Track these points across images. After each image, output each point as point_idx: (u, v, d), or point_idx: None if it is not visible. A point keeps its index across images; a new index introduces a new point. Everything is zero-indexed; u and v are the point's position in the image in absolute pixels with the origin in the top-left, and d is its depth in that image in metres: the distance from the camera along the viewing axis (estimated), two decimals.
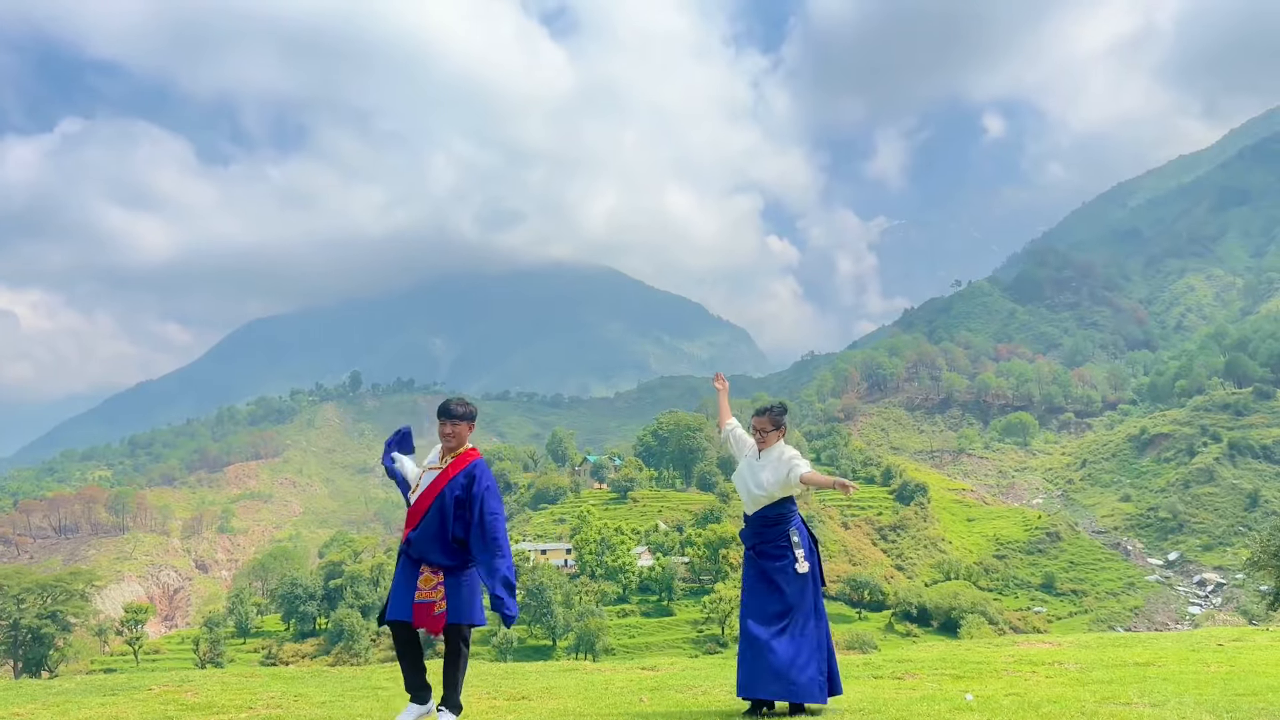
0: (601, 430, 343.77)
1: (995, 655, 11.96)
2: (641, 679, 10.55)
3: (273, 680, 11.51)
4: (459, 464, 7.46)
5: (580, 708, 8.32)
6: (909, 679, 9.95)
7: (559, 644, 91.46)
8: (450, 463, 7.47)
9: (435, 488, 7.39)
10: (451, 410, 7.55)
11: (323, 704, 9.20)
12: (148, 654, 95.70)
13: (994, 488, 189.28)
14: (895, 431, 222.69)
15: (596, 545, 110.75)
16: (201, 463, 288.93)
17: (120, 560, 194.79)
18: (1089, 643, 13.59)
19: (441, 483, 7.40)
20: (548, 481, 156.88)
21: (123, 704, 9.44)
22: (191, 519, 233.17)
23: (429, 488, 7.41)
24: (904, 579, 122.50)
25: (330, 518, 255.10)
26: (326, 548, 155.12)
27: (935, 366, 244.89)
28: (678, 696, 9.04)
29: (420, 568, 7.34)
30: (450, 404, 7.60)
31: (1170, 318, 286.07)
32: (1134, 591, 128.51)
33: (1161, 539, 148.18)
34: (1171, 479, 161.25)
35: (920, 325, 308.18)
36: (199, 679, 11.70)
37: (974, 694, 8.34)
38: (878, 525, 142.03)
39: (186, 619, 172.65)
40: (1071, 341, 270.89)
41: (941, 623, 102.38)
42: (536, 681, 10.56)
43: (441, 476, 7.42)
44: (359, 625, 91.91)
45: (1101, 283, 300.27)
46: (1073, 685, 8.94)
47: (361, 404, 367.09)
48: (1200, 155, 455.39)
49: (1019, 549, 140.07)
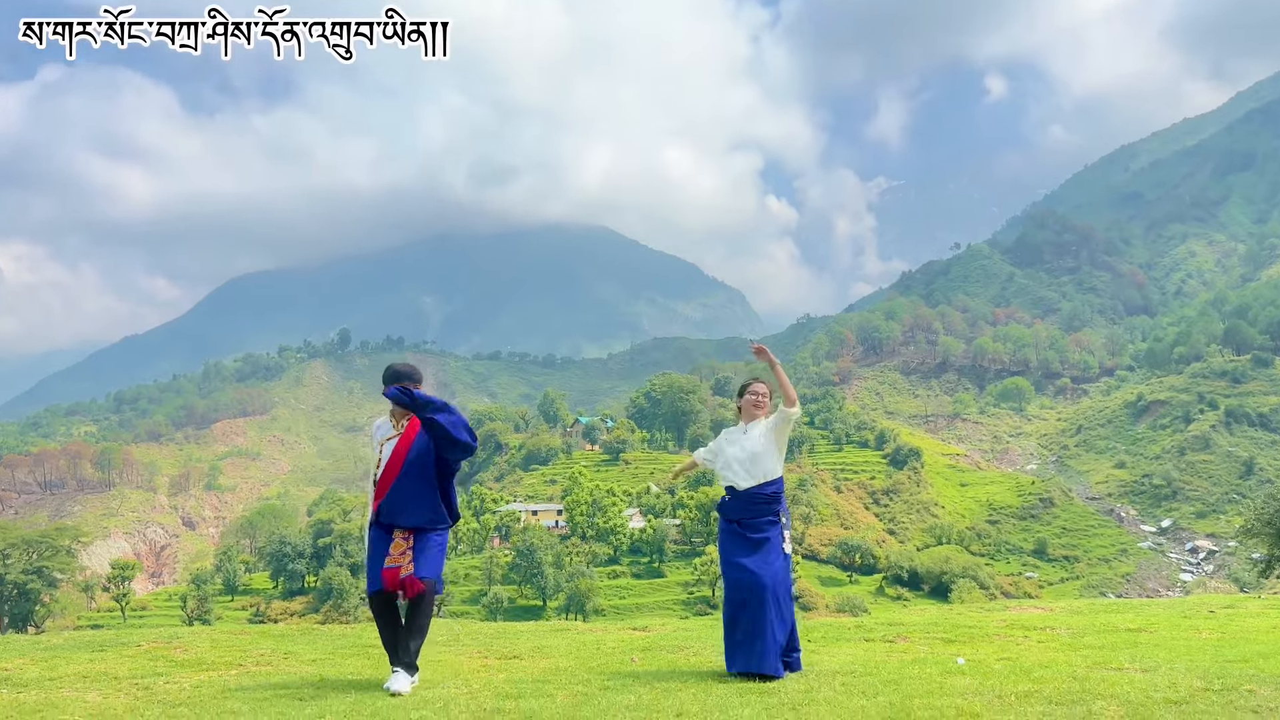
0: (594, 391, 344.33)
1: (987, 620, 12.09)
2: (633, 639, 10.65)
3: (262, 637, 11.59)
4: (415, 423, 7.44)
5: (572, 667, 8.41)
6: (900, 642, 10.06)
7: (549, 604, 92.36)
8: (407, 424, 7.46)
9: (400, 453, 7.38)
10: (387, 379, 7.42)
11: (313, 661, 9.27)
12: (135, 611, 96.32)
13: (988, 453, 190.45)
14: (890, 395, 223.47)
15: (588, 507, 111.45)
16: (188, 419, 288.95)
17: (106, 516, 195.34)
18: (1081, 608, 13.75)
19: (405, 445, 7.39)
20: (539, 442, 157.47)
21: (111, 659, 9.51)
22: (178, 476, 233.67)
23: (393, 457, 7.39)
24: (896, 543, 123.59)
25: (319, 476, 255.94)
26: (315, 506, 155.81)
27: (932, 330, 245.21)
28: (669, 657, 9.14)
29: (392, 534, 7.35)
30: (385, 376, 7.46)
31: (1170, 283, 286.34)
32: (1126, 558, 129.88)
33: (1155, 506, 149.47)
34: (1167, 446, 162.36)
35: (918, 288, 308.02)
36: (187, 636, 11.78)
37: (965, 657, 8.44)
38: (870, 489, 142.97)
39: (174, 576, 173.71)
40: (1070, 306, 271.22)
41: (933, 587, 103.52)
42: (528, 641, 10.66)
43: (403, 440, 7.42)
44: (348, 583, 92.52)
45: (1102, 247, 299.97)
46: (1064, 650, 9.06)
47: (350, 362, 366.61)
48: (1205, 118, 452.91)
49: (1012, 514, 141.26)
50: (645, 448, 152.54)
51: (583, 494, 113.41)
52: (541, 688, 7.23)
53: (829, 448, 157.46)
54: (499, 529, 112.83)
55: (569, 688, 7.20)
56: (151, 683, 7.96)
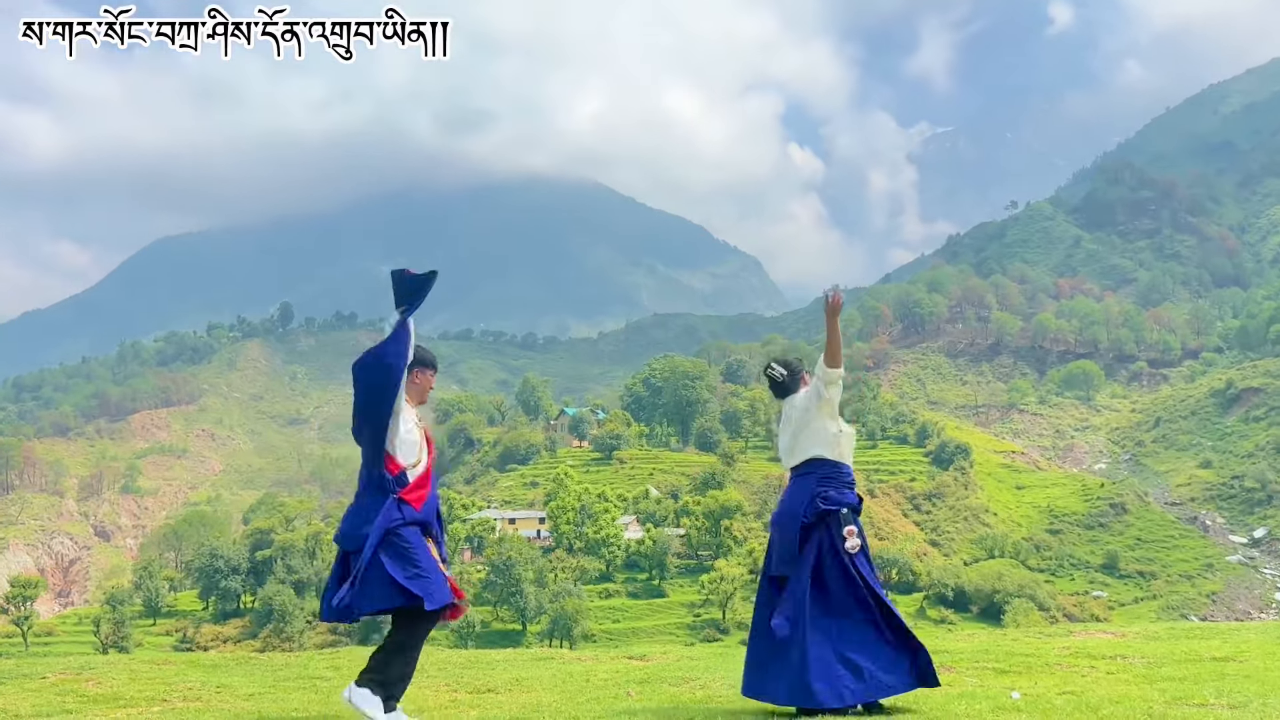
0: (582, 377, 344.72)
1: (1046, 647, 12.15)
2: (629, 670, 10.70)
3: (189, 668, 11.64)
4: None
5: (556, 702, 8.45)
6: (946, 672, 10.10)
7: (530, 629, 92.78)
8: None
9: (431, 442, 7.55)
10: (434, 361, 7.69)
11: (250, 696, 9.31)
12: (39, 636, 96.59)
13: (1049, 450, 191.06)
14: (933, 382, 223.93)
15: (575, 514, 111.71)
16: (101, 410, 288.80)
17: (4, 525, 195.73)
18: (1158, 633, 13.82)
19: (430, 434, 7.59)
20: (517, 438, 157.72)
21: (12, 694, 9.54)
22: (90, 477, 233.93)
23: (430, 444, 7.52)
24: (940, 556, 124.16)
25: (256, 477, 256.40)
26: (252, 513, 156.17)
27: (984, 305, 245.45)
28: (671, 690, 9.18)
29: (427, 538, 7.26)
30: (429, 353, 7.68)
31: (1267, 249, 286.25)
32: (1212, 574, 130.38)
33: (1247, 513, 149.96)
34: (1261, 442, 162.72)
35: (967, 255, 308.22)
36: (101, 666, 11.82)
37: (1021, 692, 8.48)
38: (910, 493, 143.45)
39: (84, 595, 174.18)
40: (1148, 276, 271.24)
41: (983, 608, 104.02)
42: (504, 672, 10.71)
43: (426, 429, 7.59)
44: (291, 604, 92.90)
45: (1185, 206, 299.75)
46: (1138, 683, 9.09)
47: (293, 342, 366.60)
48: None
49: (1077, 522, 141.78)
50: (643, 444, 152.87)
51: (569, 499, 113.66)
52: None
53: (861, 444, 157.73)
54: (470, 540, 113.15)
55: None
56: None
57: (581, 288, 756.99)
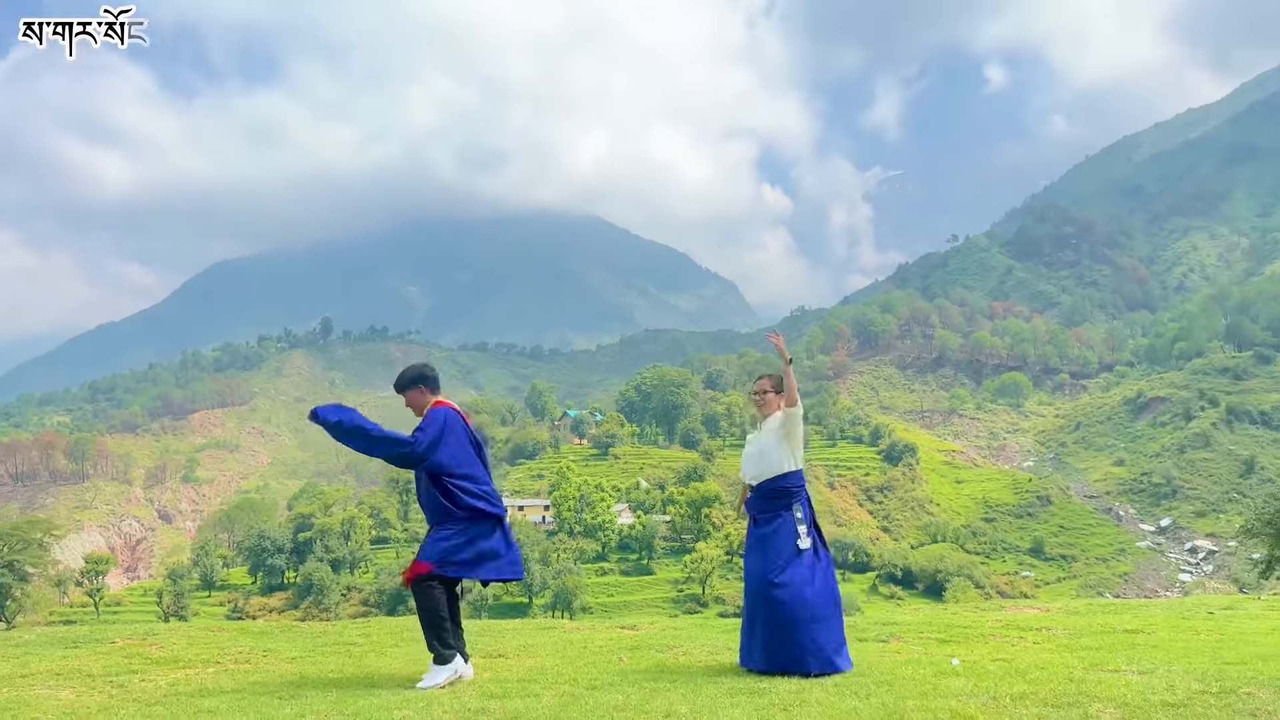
0: (583, 384, 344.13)
1: (982, 620, 12.14)
2: (620, 638, 10.67)
3: (240, 634, 11.58)
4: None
5: (558, 666, 8.42)
6: (893, 642, 10.10)
7: (535, 602, 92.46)
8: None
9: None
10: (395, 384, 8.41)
11: (293, 659, 9.27)
12: (109, 606, 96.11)
13: (985, 449, 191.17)
14: (885, 390, 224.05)
15: (576, 502, 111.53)
16: (165, 409, 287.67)
17: (80, 509, 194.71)
18: (1078, 609, 13.83)
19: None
20: (526, 436, 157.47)
21: (85, 656, 9.49)
22: (154, 468, 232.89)
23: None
24: (890, 541, 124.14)
25: (299, 469, 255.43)
26: (295, 500, 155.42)
27: (929, 324, 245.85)
28: (657, 656, 9.16)
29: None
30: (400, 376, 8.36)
31: (1172, 278, 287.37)
32: (1124, 557, 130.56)
33: (1154, 505, 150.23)
34: (1167, 444, 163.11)
35: (915, 281, 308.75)
36: (163, 632, 11.76)
37: (960, 658, 8.48)
38: (864, 486, 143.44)
39: (149, 570, 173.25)
40: (1070, 300, 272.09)
41: (927, 585, 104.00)
42: (513, 639, 10.67)
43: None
44: (328, 579, 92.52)
45: (1102, 240, 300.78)
46: (1060, 651, 9.10)
47: (332, 352, 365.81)
48: (1209, 109, 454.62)
49: (1008, 512, 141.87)
50: (635, 442, 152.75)
51: (570, 489, 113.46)
52: (527, 687, 7.24)
53: (823, 443, 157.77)
54: None
55: (555, 687, 7.22)
56: (126, 680, 7.95)
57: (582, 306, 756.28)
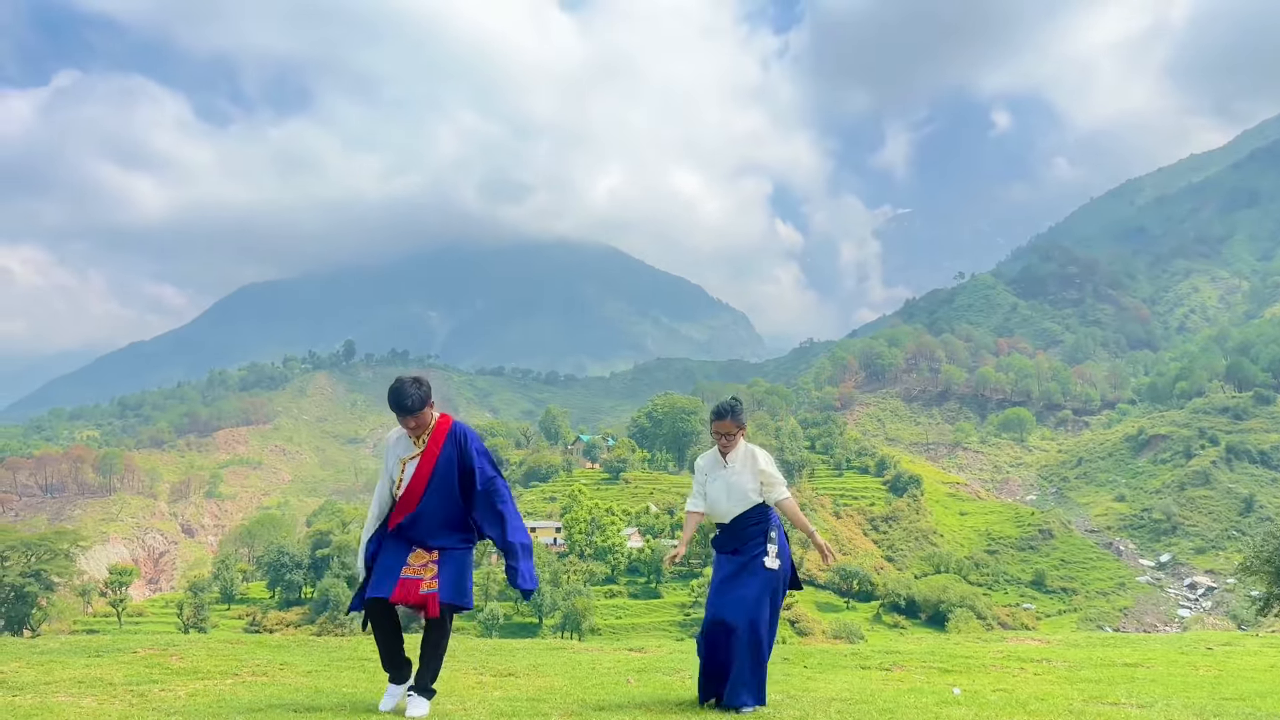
0: (596, 410, 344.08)
1: (983, 650, 12.04)
2: (628, 660, 10.62)
3: (258, 647, 11.57)
4: (438, 435, 7.01)
5: (567, 687, 8.38)
6: (896, 670, 10.02)
7: (545, 622, 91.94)
8: (428, 441, 7.01)
9: (424, 473, 6.96)
10: (405, 405, 6.83)
11: (309, 673, 9.25)
12: (131, 616, 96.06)
13: (988, 482, 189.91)
14: (891, 422, 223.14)
15: (586, 525, 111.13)
16: (191, 426, 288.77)
17: (106, 521, 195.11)
18: (1078, 641, 13.69)
19: (429, 464, 6.96)
20: (540, 459, 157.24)
21: (107, 665, 9.49)
22: (179, 483, 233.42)
23: (415, 476, 6.96)
24: (894, 570, 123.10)
25: (319, 487, 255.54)
26: (315, 516, 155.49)
27: (935, 358, 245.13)
28: (664, 679, 9.11)
29: (413, 548, 6.93)
30: (403, 398, 6.82)
31: (1174, 318, 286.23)
32: (1124, 592, 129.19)
33: (1154, 540, 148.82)
34: (1167, 480, 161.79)
35: (921, 316, 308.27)
36: (184, 644, 11.76)
37: (961, 688, 8.40)
38: (870, 515, 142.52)
39: (171, 583, 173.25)
40: (1073, 338, 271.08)
41: (930, 615, 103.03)
42: (523, 659, 10.63)
43: (426, 456, 6.97)
44: (345, 595, 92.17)
45: (1106, 280, 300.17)
46: (1060, 683, 9.01)
47: (355, 374, 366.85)
48: (1211, 155, 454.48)
49: (1011, 545, 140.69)
50: (645, 467, 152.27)
51: (582, 512, 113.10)
52: (536, 707, 7.21)
53: (829, 473, 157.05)
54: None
55: (564, 708, 7.18)
56: (147, 690, 7.95)
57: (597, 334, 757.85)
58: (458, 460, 7.03)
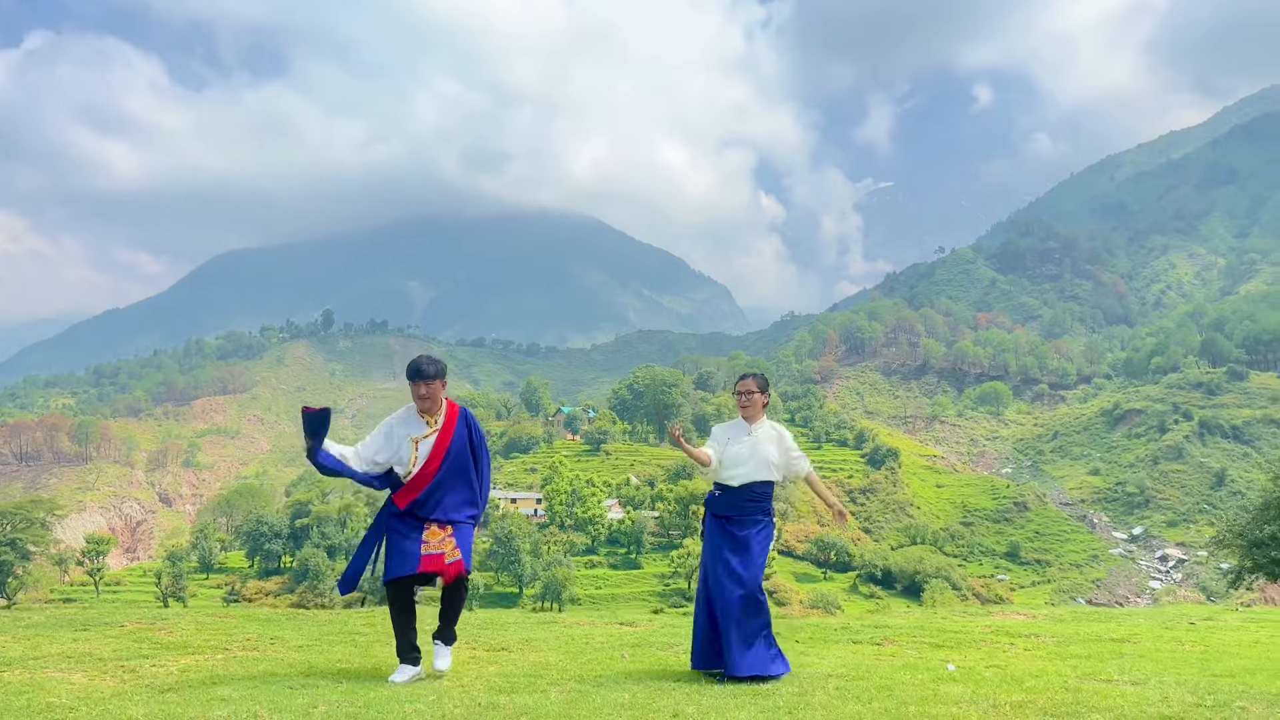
0: (577, 381, 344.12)
1: (972, 625, 12.11)
2: (621, 634, 10.60)
3: (247, 621, 11.49)
4: (452, 418, 7.47)
5: (562, 662, 8.36)
6: (887, 645, 10.06)
7: (526, 592, 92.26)
8: (444, 420, 7.45)
9: (440, 451, 7.36)
10: (424, 370, 7.32)
11: (300, 648, 9.18)
12: (108, 585, 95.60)
13: (965, 455, 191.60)
14: (870, 395, 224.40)
15: (567, 496, 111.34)
16: (168, 395, 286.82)
17: (82, 490, 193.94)
18: (1064, 616, 13.81)
19: (445, 441, 7.39)
20: (521, 430, 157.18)
21: (95, 639, 9.40)
22: (156, 452, 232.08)
23: (431, 454, 7.34)
24: (871, 542, 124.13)
25: (298, 456, 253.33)
26: (294, 486, 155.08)
27: (914, 332, 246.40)
28: (659, 654, 9.11)
29: (427, 525, 7.29)
30: (422, 364, 7.36)
31: (1150, 294, 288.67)
32: (1097, 564, 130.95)
33: (1127, 513, 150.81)
34: (1141, 455, 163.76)
35: (901, 290, 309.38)
36: (171, 617, 11.66)
37: (955, 664, 8.43)
38: (848, 487, 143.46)
39: (149, 552, 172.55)
40: (1051, 313, 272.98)
41: (905, 586, 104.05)
42: (515, 633, 10.60)
43: (443, 436, 7.40)
44: (324, 565, 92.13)
45: (1084, 255, 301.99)
46: (1052, 659, 9.06)
47: (333, 344, 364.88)
48: (1191, 132, 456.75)
49: (986, 517, 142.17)
50: (626, 439, 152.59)
51: (562, 483, 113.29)
52: (533, 682, 7.18)
53: (808, 445, 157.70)
54: None
55: (561, 683, 7.15)
56: (137, 665, 7.86)
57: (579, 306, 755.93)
58: (466, 440, 7.53)
